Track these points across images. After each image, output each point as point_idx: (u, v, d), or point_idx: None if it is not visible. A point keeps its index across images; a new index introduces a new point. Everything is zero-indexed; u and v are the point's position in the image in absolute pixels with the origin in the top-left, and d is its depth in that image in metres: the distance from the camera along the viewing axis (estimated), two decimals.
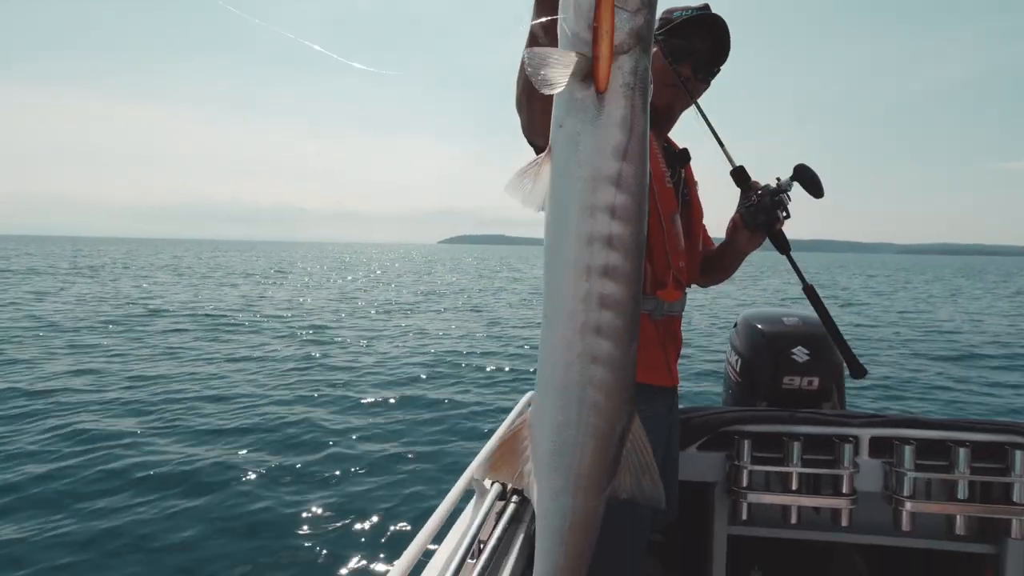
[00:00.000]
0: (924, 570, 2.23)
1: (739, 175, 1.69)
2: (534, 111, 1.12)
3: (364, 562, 4.01)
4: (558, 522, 0.88)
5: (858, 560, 2.36)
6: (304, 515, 4.59)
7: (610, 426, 0.85)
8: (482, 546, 1.41)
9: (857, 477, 2.04)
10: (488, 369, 9.94)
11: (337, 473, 5.36)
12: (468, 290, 28.18)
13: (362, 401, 7.71)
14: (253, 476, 5.23)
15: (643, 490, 0.88)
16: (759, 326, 2.85)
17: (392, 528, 4.43)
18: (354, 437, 6.27)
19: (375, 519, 4.52)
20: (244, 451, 5.84)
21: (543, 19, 0.94)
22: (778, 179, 1.63)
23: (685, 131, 1.84)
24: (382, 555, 4.07)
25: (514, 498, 1.67)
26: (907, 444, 1.99)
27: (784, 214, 1.63)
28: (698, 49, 1.62)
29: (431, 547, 1.33)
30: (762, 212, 1.62)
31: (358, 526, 4.46)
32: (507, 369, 10.01)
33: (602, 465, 0.86)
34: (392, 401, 7.69)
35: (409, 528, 4.37)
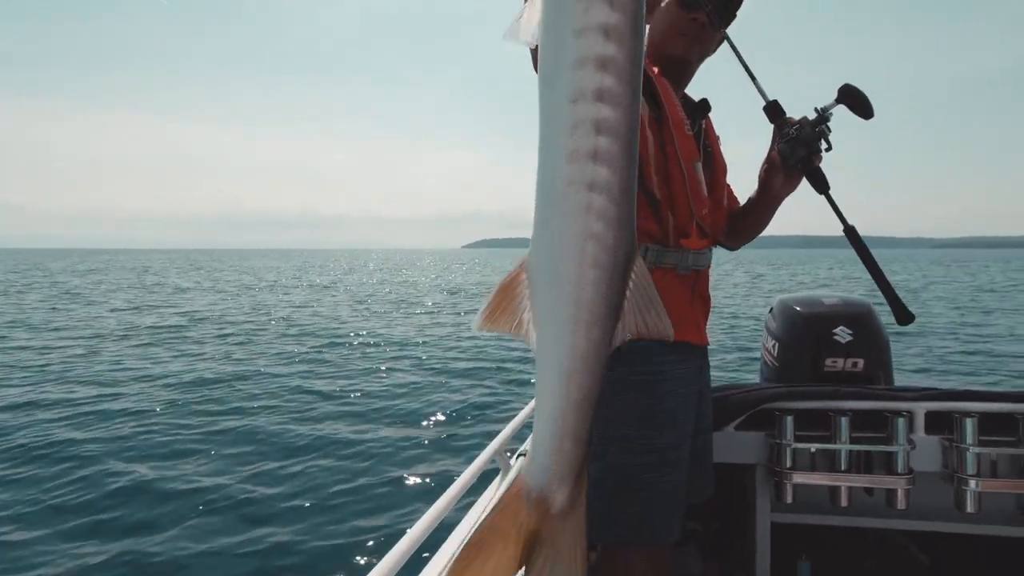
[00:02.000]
0: (994, 560, 2.00)
1: (773, 109, 1.57)
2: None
3: (386, 526, 4.04)
4: (561, 360, 0.84)
5: (916, 550, 2.13)
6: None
7: (612, 258, 0.82)
8: None
9: (913, 455, 1.86)
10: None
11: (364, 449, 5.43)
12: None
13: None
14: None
15: (648, 326, 0.85)
16: (797, 308, 2.70)
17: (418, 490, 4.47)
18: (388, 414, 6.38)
19: (403, 480, 4.59)
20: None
21: None
22: (816, 109, 1.50)
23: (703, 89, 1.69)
24: (401, 526, 4.09)
25: None
26: (968, 417, 1.81)
27: (826, 146, 1.50)
28: None
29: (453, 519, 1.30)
30: (803, 145, 1.48)
31: (382, 489, 4.51)
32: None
33: (605, 297, 0.82)
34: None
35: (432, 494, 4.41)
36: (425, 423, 6.67)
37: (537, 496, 0.88)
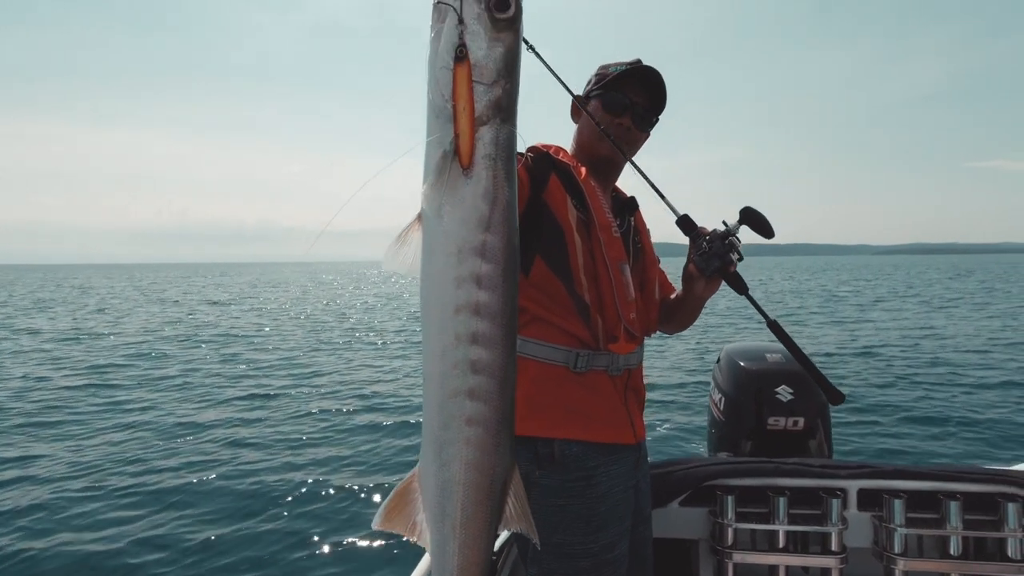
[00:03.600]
0: None
1: (685, 224, 1.66)
2: None
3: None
4: (445, 567, 0.91)
5: None
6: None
7: (488, 480, 0.89)
8: None
9: (846, 533, 1.96)
10: None
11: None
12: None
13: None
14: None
15: (521, 530, 0.95)
16: (742, 363, 2.80)
17: None
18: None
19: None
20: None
21: None
22: (724, 223, 1.61)
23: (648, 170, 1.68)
24: None
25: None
26: (896, 498, 1.93)
27: (737, 256, 1.60)
28: (635, 102, 1.65)
29: None
30: (715, 258, 1.58)
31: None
32: None
33: (484, 517, 0.90)
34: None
35: None
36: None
37: None
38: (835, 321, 17.48)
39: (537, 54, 1.44)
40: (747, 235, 1.68)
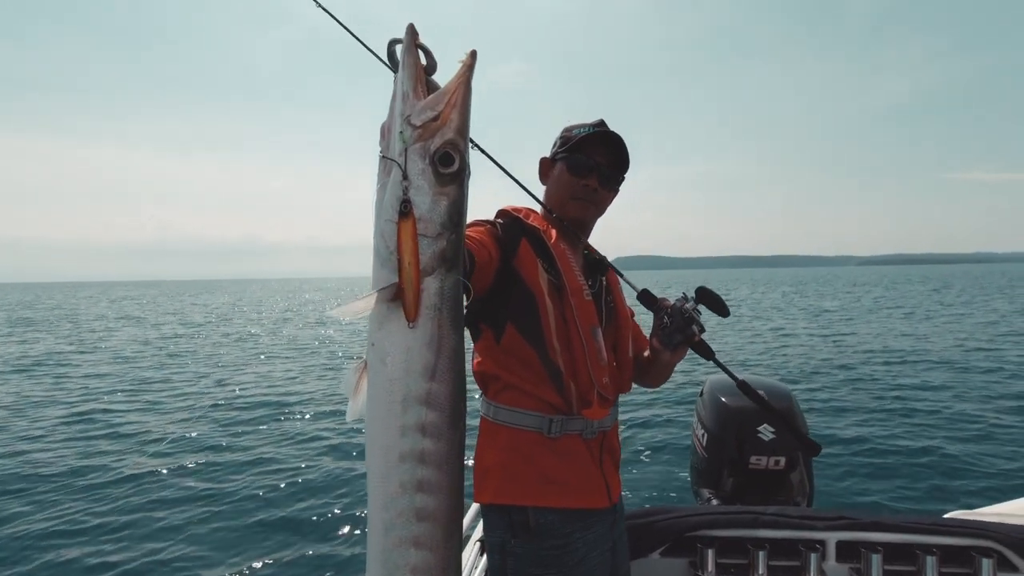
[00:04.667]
0: None
1: (645, 298, 1.69)
2: None
3: None
4: None
5: None
6: None
7: None
8: None
9: None
10: None
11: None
12: None
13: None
14: None
15: None
16: (724, 399, 2.84)
17: None
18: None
19: None
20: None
21: None
22: (684, 294, 1.65)
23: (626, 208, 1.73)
24: None
25: None
26: (874, 552, 1.97)
27: (698, 328, 1.62)
28: (600, 163, 1.67)
29: None
30: (677, 333, 1.62)
31: None
32: None
33: None
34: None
35: None
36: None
37: None
38: (823, 335, 17.52)
39: (488, 155, 1.45)
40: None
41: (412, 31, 0.88)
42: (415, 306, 0.84)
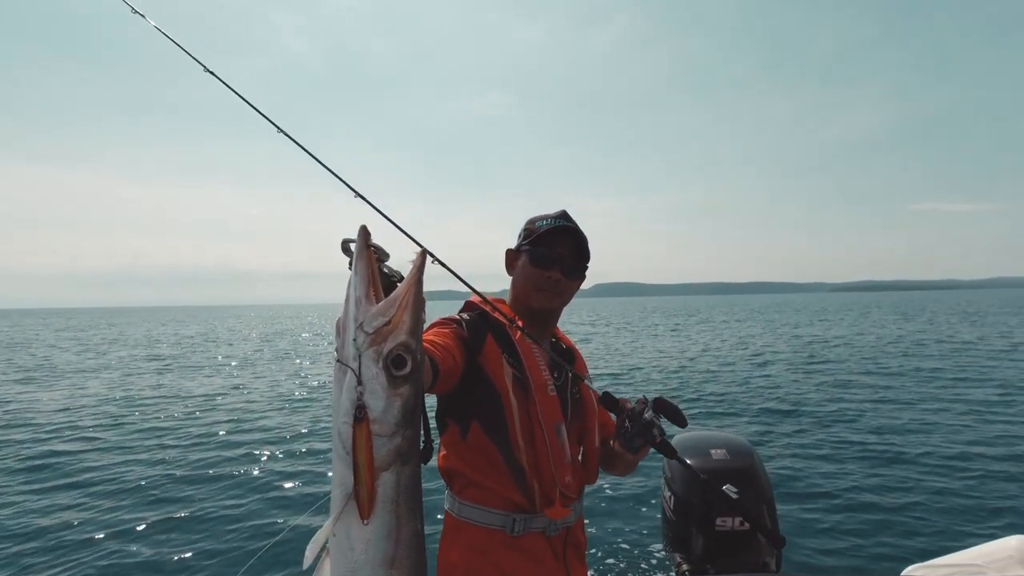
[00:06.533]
0: None
1: (607, 400, 1.72)
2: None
3: None
4: None
5: None
6: None
7: None
8: None
9: None
10: None
11: None
12: None
13: None
14: None
15: None
16: (688, 460, 2.92)
17: None
18: None
19: None
20: None
21: None
22: (645, 397, 1.68)
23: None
24: None
25: None
26: None
27: (658, 431, 1.67)
28: (562, 254, 1.74)
29: None
30: (638, 437, 1.66)
31: None
32: None
33: None
34: None
35: None
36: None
37: None
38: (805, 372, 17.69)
39: (448, 268, 1.48)
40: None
41: (364, 233, 0.93)
42: (369, 505, 0.88)
